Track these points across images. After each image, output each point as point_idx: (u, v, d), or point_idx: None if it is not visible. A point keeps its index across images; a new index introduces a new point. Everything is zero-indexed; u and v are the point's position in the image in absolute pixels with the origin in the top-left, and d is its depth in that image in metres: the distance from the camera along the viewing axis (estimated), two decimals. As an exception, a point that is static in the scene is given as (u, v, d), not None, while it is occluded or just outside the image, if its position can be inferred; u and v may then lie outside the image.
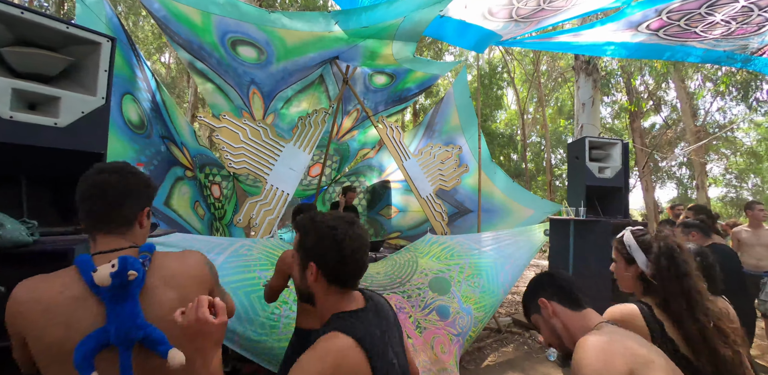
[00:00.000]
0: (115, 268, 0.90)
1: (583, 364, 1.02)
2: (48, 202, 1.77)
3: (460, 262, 3.79)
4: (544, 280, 1.32)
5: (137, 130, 3.55)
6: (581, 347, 1.07)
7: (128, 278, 0.90)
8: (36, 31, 1.61)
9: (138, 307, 0.92)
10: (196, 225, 4.24)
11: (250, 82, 4.46)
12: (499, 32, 4.14)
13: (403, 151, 4.55)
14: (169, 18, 3.70)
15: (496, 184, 5.21)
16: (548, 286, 1.29)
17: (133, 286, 0.92)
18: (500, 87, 12.99)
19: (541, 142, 15.24)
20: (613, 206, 4.10)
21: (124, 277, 0.90)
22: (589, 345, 1.05)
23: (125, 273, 0.90)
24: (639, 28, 3.88)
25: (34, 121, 1.49)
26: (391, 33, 3.59)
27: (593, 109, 6.47)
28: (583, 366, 1.02)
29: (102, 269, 0.90)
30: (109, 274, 0.89)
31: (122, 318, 0.89)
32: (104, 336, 0.88)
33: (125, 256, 0.93)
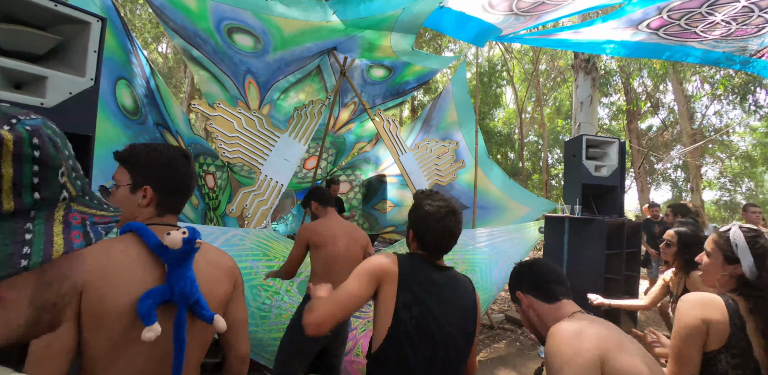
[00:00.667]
0: (186, 235, 0.98)
1: (553, 352, 1.06)
2: None
3: (454, 258, 3.77)
4: (523, 271, 1.36)
5: (131, 115, 3.49)
6: (552, 335, 1.10)
7: (195, 246, 0.99)
8: (23, 8, 1.57)
9: (193, 273, 1.01)
10: (190, 214, 4.19)
11: (246, 71, 4.39)
12: (499, 26, 4.09)
13: (399, 145, 4.51)
14: (164, 3, 3.62)
15: (493, 181, 5.19)
16: (525, 279, 1.33)
17: (193, 254, 1.01)
18: (499, 85, 12.96)
19: (539, 141, 15.26)
20: (608, 205, 4.10)
21: (193, 244, 0.99)
22: (560, 333, 1.09)
23: (194, 241, 0.99)
24: (639, 26, 3.85)
25: (19, 101, 1.45)
26: (389, 24, 3.54)
27: (591, 108, 6.46)
28: (552, 353, 1.05)
29: (175, 234, 0.98)
30: (181, 239, 0.97)
31: (183, 279, 0.98)
32: (167, 292, 0.95)
33: (192, 227, 1.02)
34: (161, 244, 0.97)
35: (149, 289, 0.94)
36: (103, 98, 3.19)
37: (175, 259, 0.97)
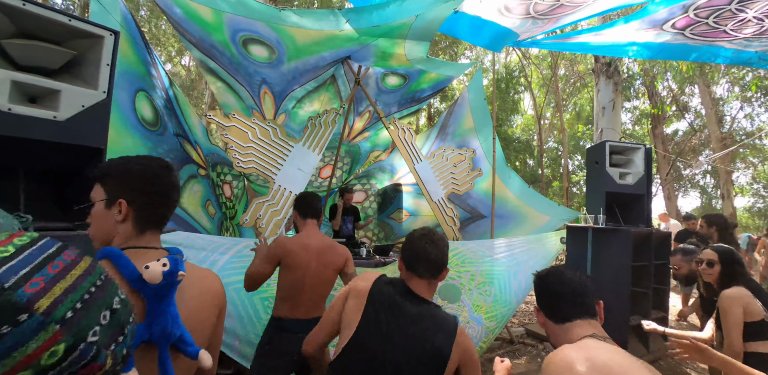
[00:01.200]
0: (166, 268, 0.89)
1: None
2: (47, 196, 1.74)
3: (471, 270, 3.65)
4: (537, 283, 1.25)
5: (151, 127, 3.53)
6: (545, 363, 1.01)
7: (177, 278, 0.90)
8: (38, 23, 1.59)
9: (176, 307, 0.92)
10: (206, 224, 4.21)
11: (261, 81, 4.42)
12: (516, 30, 4.01)
13: (414, 153, 4.43)
14: (182, 16, 3.68)
15: (511, 189, 5.05)
16: (540, 294, 1.24)
17: (175, 287, 0.92)
18: (517, 91, 12.79)
19: (558, 147, 14.93)
20: (634, 214, 3.90)
21: (175, 277, 0.90)
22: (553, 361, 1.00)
23: (176, 273, 0.90)
24: (664, 26, 3.69)
25: (32, 114, 1.47)
26: (403, 32, 3.50)
27: (614, 113, 6.26)
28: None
29: (154, 267, 0.88)
30: (161, 273, 0.88)
31: (165, 316, 0.89)
32: (146, 332, 0.87)
33: (175, 257, 0.93)
34: (140, 277, 0.87)
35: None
36: (123, 110, 3.24)
37: (156, 294, 0.88)
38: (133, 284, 0.88)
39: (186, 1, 3.46)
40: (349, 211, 5.05)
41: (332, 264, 2.17)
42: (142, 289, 0.88)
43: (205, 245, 2.95)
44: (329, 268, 2.17)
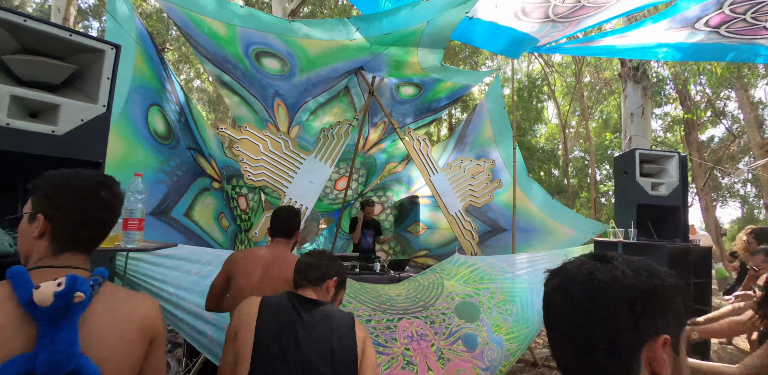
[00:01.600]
0: (60, 288, 0.80)
1: None
2: None
3: (491, 287, 3.43)
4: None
5: (163, 140, 3.55)
6: None
7: (73, 300, 0.80)
8: (40, 39, 1.59)
9: (76, 334, 0.80)
10: (218, 237, 4.17)
11: (274, 93, 4.41)
12: (535, 35, 3.84)
13: (430, 164, 4.29)
14: (196, 31, 3.71)
15: (533, 201, 4.81)
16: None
17: (77, 310, 0.81)
18: (540, 100, 12.49)
19: (585, 156, 14.43)
20: (669, 227, 3.60)
21: (70, 298, 0.80)
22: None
23: (71, 294, 0.80)
24: (696, 25, 3.44)
25: (31, 129, 1.48)
26: (415, 39, 3.39)
27: (643, 119, 5.94)
28: None
29: (45, 287, 0.79)
30: (52, 293, 0.78)
31: (55, 344, 0.77)
32: (29, 363, 0.75)
33: (74, 276, 0.83)
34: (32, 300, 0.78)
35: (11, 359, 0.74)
36: (135, 124, 3.26)
37: (50, 318, 0.78)
38: (25, 307, 0.78)
39: (200, 16, 3.48)
40: (369, 224, 4.95)
41: (282, 275, 1.97)
42: (34, 313, 0.78)
43: (210, 259, 2.89)
44: (279, 279, 1.97)
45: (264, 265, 2.01)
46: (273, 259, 2.03)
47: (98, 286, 0.88)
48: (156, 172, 3.42)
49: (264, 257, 2.03)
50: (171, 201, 3.57)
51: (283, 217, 2.15)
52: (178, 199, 3.67)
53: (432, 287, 3.31)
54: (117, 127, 3.01)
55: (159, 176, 3.44)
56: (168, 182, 3.52)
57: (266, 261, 2.02)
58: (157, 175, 3.43)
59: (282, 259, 2.03)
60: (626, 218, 3.49)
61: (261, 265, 2.01)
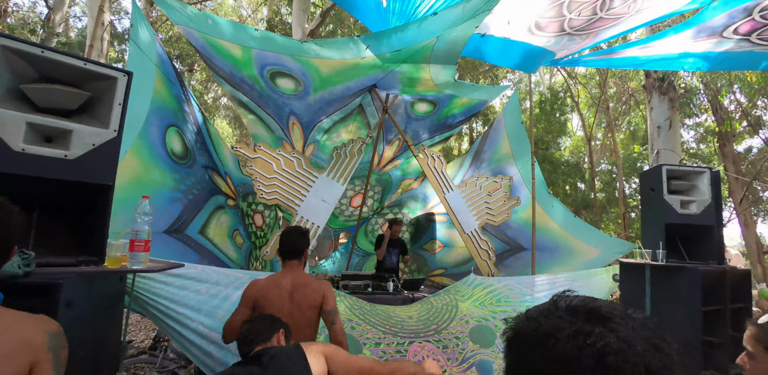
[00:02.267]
0: None
1: None
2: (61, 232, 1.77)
3: (508, 310, 3.27)
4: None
5: (180, 160, 3.63)
6: None
7: None
8: (57, 68, 1.66)
9: None
10: (232, 254, 4.19)
11: (289, 112, 4.47)
12: (551, 49, 3.75)
13: (445, 182, 4.20)
14: (214, 54, 3.83)
15: (554, 219, 4.62)
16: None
17: None
18: (563, 112, 12.21)
19: (613, 169, 13.94)
20: (702, 249, 3.35)
21: None
22: None
23: None
24: (724, 33, 3.28)
25: (44, 154, 1.54)
26: (426, 55, 3.37)
27: (671, 132, 5.68)
28: None
29: None
30: None
31: None
32: None
33: None
34: None
35: None
36: (153, 144, 3.35)
37: None
38: None
39: (217, 40, 3.59)
40: (395, 242, 4.89)
41: (307, 302, 1.99)
42: None
43: (219, 279, 2.87)
44: (305, 306, 1.99)
45: (289, 294, 2.01)
46: (295, 286, 2.03)
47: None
48: (172, 191, 3.48)
49: (286, 286, 2.02)
50: (186, 219, 3.62)
51: (291, 239, 2.14)
52: (193, 216, 3.73)
53: (446, 309, 3.19)
54: (135, 148, 3.10)
55: (175, 195, 3.51)
56: (183, 201, 3.58)
57: (290, 290, 2.02)
58: (173, 194, 3.50)
59: (303, 285, 2.04)
60: (654, 238, 3.28)
61: (287, 295, 2.00)
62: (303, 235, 2.19)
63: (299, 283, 2.03)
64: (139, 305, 2.55)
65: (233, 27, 3.46)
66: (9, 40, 1.50)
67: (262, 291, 1.99)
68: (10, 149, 1.45)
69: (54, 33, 8.88)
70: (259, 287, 2.01)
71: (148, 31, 3.39)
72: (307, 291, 2.01)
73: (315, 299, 2.01)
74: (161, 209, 3.30)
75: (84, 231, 1.79)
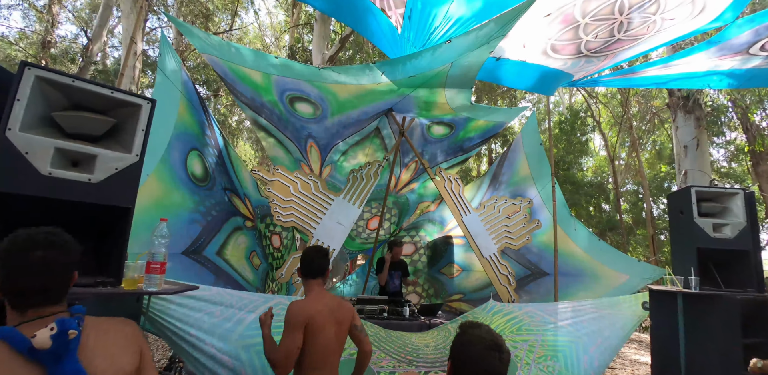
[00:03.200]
0: (54, 331, 0.94)
1: None
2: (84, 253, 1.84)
3: (530, 339, 3.12)
4: None
5: (200, 182, 3.71)
6: None
7: (69, 337, 0.95)
8: (86, 96, 1.76)
9: (79, 364, 0.96)
10: (248, 275, 4.20)
11: (307, 135, 4.55)
12: (569, 70, 3.73)
13: (462, 205, 4.13)
14: (236, 80, 3.97)
15: (577, 243, 4.45)
16: None
17: (73, 344, 0.96)
18: (584, 132, 12.04)
19: (639, 189, 13.52)
20: (738, 275, 3.16)
21: (65, 337, 0.95)
22: None
23: (65, 333, 0.95)
24: (750, 50, 3.20)
25: (70, 177, 1.61)
26: (441, 80, 3.40)
27: (699, 152, 5.49)
28: None
29: (41, 333, 0.93)
30: (49, 337, 0.93)
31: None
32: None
33: (62, 319, 0.98)
34: (32, 346, 0.92)
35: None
36: (175, 167, 3.44)
37: (54, 357, 0.93)
38: (28, 355, 0.92)
39: (239, 67, 3.73)
40: (397, 265, 4.75)
41: (346, 321, 2.07)
42: (38, 357, 0.92)
43: (234, 302, 2.85)
44: (344, 326, 2.05)
45: (333, 316, 2.02)
46: (335, 306, 2.05)
47: (82, 321, 1.03)
48: (191, 213, 3.55)
49: (329, 307, 2.03)
50: (204, 240, 3.66)
51: (313, 258, 2.14)
52: (211, 238, 3.77)
53: (463, 338, 3.06)
54: (157, 171, 3.19)
55: (194, 216, 3.57)
56: (202, 222, 3.64)
57: (331, 311, 2.03)
58: (192, 216, 3.56)
59: (339, 306, 2.08)
60: (685, 264, 3.11)
61: (331, 317, 2.01)
62: (324, 254, 2.19)
63: (336, 303, 2.07)
64: (154, 326, 2.55)
65: (254, 55, 3.60)
66: (43, 71, 1.60)
67: (309, 312, 1.96)
68: (38, 173, 1.51)
69: (91, 61, 9.46)
70: (307, 309, 1.97)
71: (175, 59, 3.55)
72: (343, 310, 2.07)
73: (348, 317, 2.08)
74: (180, 231, 3.35)
75: (103, 252, 1.83)
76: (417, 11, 3.14)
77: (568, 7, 2.96)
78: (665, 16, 3.07)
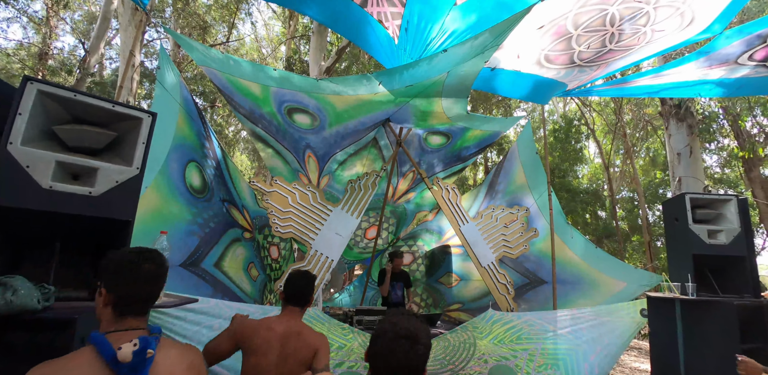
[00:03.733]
0: (136, 347, 1.04)
1: None
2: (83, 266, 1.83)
3: (530, 348, 3.12)
4: None
5: (198, 194, 3.71)
6: None
7: (146, 356, 1.05)
8: (87, 110, 1.77)
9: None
10: (246, 287, 4.18)
11: (305, 146, 4.58)
12: (562, 80, 3.80)
13: (460, 214, 4.15)
14: (234, 92, 4.01)
15: (574, 251, 4.47)
16: None
17: (149, 362, 1.06)
18: (579, 140, 12.16)
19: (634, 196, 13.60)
20: (734, 281, 3.18)
21: (144, 354, 1.05)
22: None
23: (145, 351, 1.05)
24: (739, 60, 3.28)
25: (70, 191, 1.61)
26: (437, 90, 3.45)
27: (692, 159, 5.56)
28: None
29: (126, 347, 1.03)
30: (131, 352, 1.03)
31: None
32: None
33: (145, 336, 1.09)
34: (116, 358, 1.02)
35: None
36: (173, 179, 3.45)
37: (129, 370, 1.02)
38: (111, 365, 1.02)
39: (237, 79, 3.77)
40: (398, 276, 4.73)
41: (297, 355, 1.83)
42: (118, 369, 1.02)
43: (232, 314, 2.84)
44: (292, 360, 1.82)
45: (281, 343, 1.85)
46: (288, 335, 1.88)
47: (157, 341, 1.13)
48: (189, 225, 3.54)
49: (279, 333, 1.87)
50: (202, 252, 3.65)
51: (299, 283, 2.02)
52: (209, 250, 3.76)
53: (463, 348, 3.05)
54: (156, 183, 3.19)
55: (192, 228, 3.56)
56: (200, 234, 3.63)
57: (282, 337, 1.87)
58: (190, 228, 3.55)
59: (297, 335, 1.88)
60: (682, 270, 3.13)
61: (278, 342, 1.85)
62: (311, 281, 2.07)
63: (293, 331, 1.87)
64: (153, 341, 2.53)
65: (252, 67, 3.63)
66: (45, 85, 1.61)
67: (249, 329, 1.85)
68: (39, 187, 1.52)
69: (88, 73, 9.51)
70: (249, 325, 1.88)
71: (174, 72, 3.59)
72: (300, 343, 1.85)
73: (306, 354, 1.85)
74: (178, 242, 3.34)
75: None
76: (413, 24, 3.20)
77: (560, 19, 3.03)
78: (655, 27, 3.15)
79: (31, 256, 1.71)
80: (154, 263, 1.21)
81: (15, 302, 1.32)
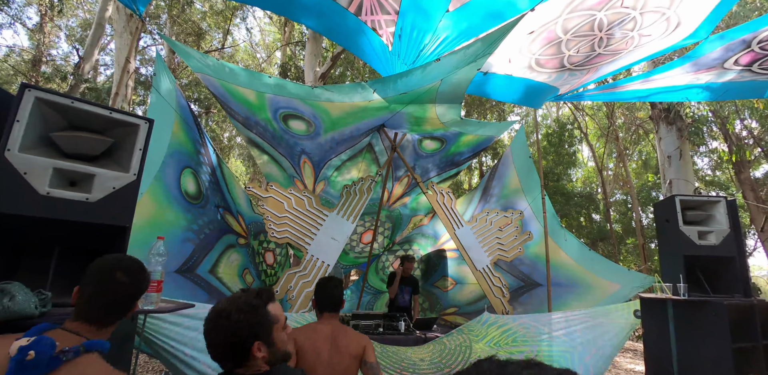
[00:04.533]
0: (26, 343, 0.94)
1: None
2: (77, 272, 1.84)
3: (525, 350, 3.14)
4: None
5: (193, 200, 3.71)
6: None
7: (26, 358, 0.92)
8: (85, 117, 1.78)
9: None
10: (241, 294, 4.16)
11: (300, 152, 4.60)
12: (553, 83, 3.86)
13: (455, 218, 4.19)
14: (230, 98, 4.03)
15: (569, 253, 4.51)
16: None
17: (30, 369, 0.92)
18: (572, 144, 12.29)
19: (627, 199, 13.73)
20: (725, 281, 3.23)
21: (24, 354, 0.92)
22: None
23: (26, 351, 0.93)
24: (725, 64, 3.35)
25: (67, 197, 1.61)
26: (431, 97, 3.50)
27: (683, 161, 5.65)
28: None
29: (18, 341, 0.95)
30: (17, 348, 0.93)
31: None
32: None
33: (42, 337, 0.97)
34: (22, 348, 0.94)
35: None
36: (168, 185, 3.45)
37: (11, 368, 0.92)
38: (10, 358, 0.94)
39: (233, 86, 3.79)
40: (408, 281, 4.72)
41: (349, 350, 1.94)
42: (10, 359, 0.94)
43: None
44: (345, 354, 1.93)
45: (330, 341, 1.95)
46: (336, 334, 1.98)
47: (72, 354, 0.97)
48: (184, 231, 3.54)
49: (326, 333, 1.97)
50: (197, 258, 3.65)
51: (331, 290, 2.10)
52: (204, 256, 3.76)
53: (459, 351, 3.07)
54: (151, 190, 3.20)
55: (187, 235, 3.56)
56: (195, 240, 3.63)
57: (330, 336, 1.96)
58: (185, 234, 3.55)
59: (344, 333, 1.99)
60: (673, 271, 3.17)
61: (327, 342, 1.94)
62: (339, 285, 2.16)
63: (339, 330, 1.99)
64: (149, 346, 2.53)
65: (248, 74, 3.67)
66: (43, 93, 1.62)
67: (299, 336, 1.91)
68: (36, 193, 1.53)
69: (82, 80, 9.50)
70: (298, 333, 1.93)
71: (170, 79, 3.61)
72: (348, 340, 1.97)
73: (357, 349, 1.96)
74: (173, 249, 3.34)
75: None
76: (407, 31, 3.25)
77: (550, 24, 3.10)
78: (642, 32, 3.22)
79: (29, 262, 1.71)
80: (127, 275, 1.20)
81: (12, 308, 1.31)
